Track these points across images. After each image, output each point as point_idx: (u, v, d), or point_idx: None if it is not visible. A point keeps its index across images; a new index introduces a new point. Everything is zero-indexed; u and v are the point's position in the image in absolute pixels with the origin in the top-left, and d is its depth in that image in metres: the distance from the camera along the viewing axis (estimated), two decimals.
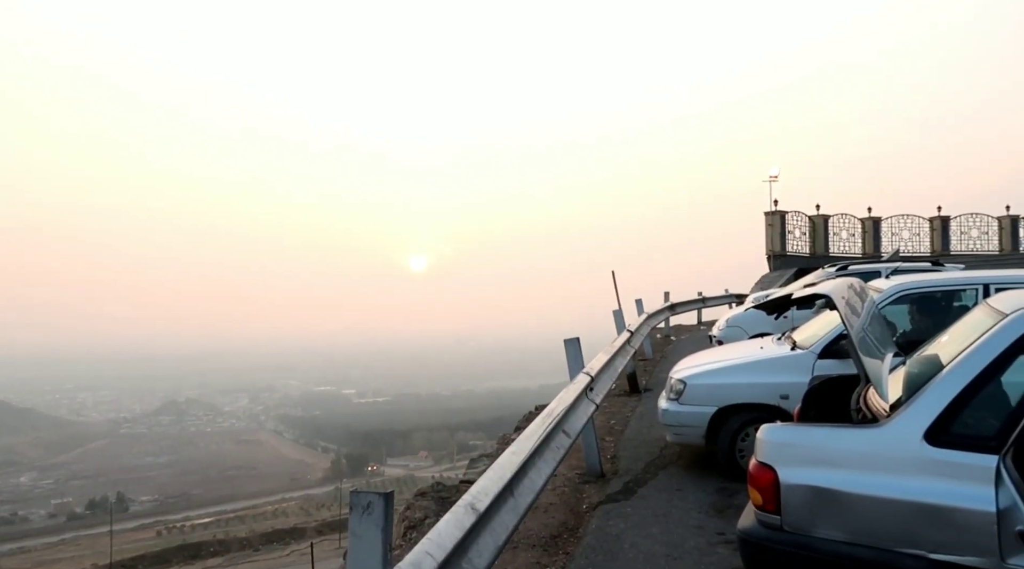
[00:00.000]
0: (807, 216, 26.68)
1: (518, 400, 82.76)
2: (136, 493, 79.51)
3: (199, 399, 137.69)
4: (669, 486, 5.87)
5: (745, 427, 5.83)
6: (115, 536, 51.69)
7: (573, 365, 6.09)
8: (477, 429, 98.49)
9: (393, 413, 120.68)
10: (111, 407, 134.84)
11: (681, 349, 14.48)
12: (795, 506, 2.83)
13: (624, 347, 8.79)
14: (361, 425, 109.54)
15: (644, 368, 12.76)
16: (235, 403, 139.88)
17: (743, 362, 6.22)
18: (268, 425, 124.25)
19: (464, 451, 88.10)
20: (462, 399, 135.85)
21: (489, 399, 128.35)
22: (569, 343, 6.21)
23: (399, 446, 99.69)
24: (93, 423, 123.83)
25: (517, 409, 23.02)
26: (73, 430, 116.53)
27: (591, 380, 5.90)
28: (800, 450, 2.90)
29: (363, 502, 2.25)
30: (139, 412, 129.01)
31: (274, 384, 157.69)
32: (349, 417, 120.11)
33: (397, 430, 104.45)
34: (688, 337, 17.96)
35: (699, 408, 6.03)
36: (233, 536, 52.20)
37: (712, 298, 21.42)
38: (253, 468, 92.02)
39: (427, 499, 6.07)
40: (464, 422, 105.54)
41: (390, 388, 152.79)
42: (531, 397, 48.88)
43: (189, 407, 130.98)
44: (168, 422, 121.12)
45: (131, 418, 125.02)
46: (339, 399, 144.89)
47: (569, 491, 5.95)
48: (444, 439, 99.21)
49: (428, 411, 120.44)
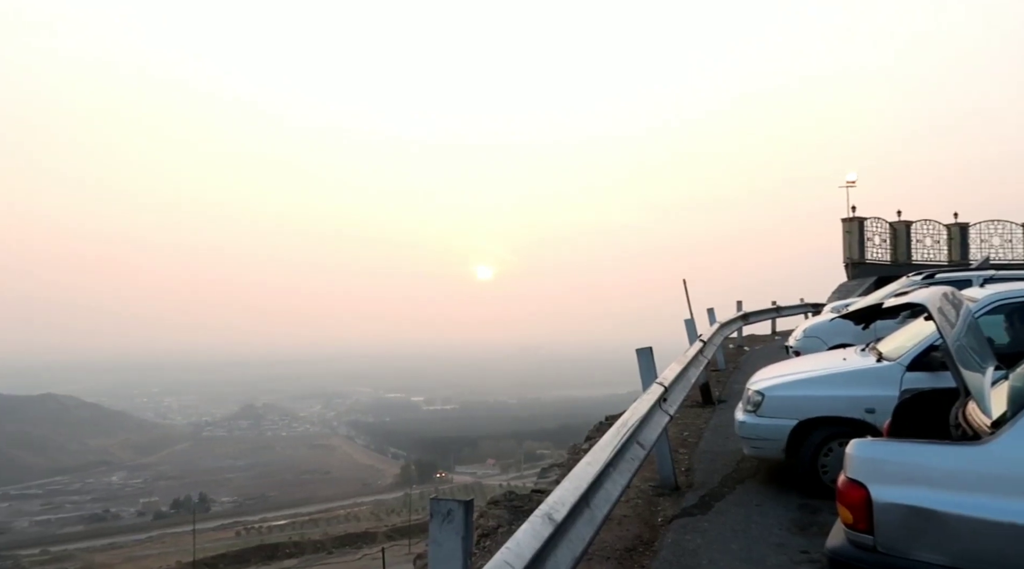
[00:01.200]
0: (887, 222, 25.58)
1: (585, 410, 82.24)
2: (217, 494, 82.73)
3: (275, 404, 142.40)
4: (748, 501, 5.69)
5: (828, 442, 5.61)
6: (197, 535, 53.87)
7: (646, 375, 5.98)
8: (544, 438, 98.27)
9: (461, 421, 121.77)
10: (194, 411, 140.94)
11: (755, 360, 14.08)
12: (890, 526, 2.69)
13: (697, 357, 8.59)
14: (429, 432, 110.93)
15: (717, 379, 12.48)
16: (309, 409, 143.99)
17: (825, 374, 5.98)
18: (340, 430, 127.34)
19: (532, 460, 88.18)
20: (529, 408, 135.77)
21: (556, 408, 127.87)
22: (642, 353, 6.09)
23: (467, 454, 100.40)
24: (177, 426, 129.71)
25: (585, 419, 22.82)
26: (159, 433, 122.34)
27: (665, 391, 5.78)
28: (895, 467, 2.76)
29: (443, 510, 2.25)
30: (219, 416, 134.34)
31: (346, 391, 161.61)
32: (418, 424, 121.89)
33: (465, 438, 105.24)
34: (762, 348, 17.45)
35: (778, 421, 5.83)
36: (308, 538, 53.57)
37: (787, 308, 20.77)
38: (326, 472, 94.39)
39: (500, 508, 6.06)
40: (531, 431, 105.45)
41: (457, 396, 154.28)
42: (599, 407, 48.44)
43: (266, 412, 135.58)
44: (246, 426, 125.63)
45: (212, 422, 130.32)
46: (408, 406, 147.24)
47: (643, 504, 5.83)
48: (511, 448, 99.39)
49: (495, 419, 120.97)
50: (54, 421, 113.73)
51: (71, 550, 58.42)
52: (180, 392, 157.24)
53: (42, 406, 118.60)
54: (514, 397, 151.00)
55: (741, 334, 18.22)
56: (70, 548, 59.20)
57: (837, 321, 10.19)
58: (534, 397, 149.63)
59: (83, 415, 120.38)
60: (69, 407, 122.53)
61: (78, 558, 54.87)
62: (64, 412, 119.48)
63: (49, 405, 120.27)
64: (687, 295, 12.14)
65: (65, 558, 54.98)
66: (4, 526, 71.14)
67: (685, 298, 12.29)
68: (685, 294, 12.25)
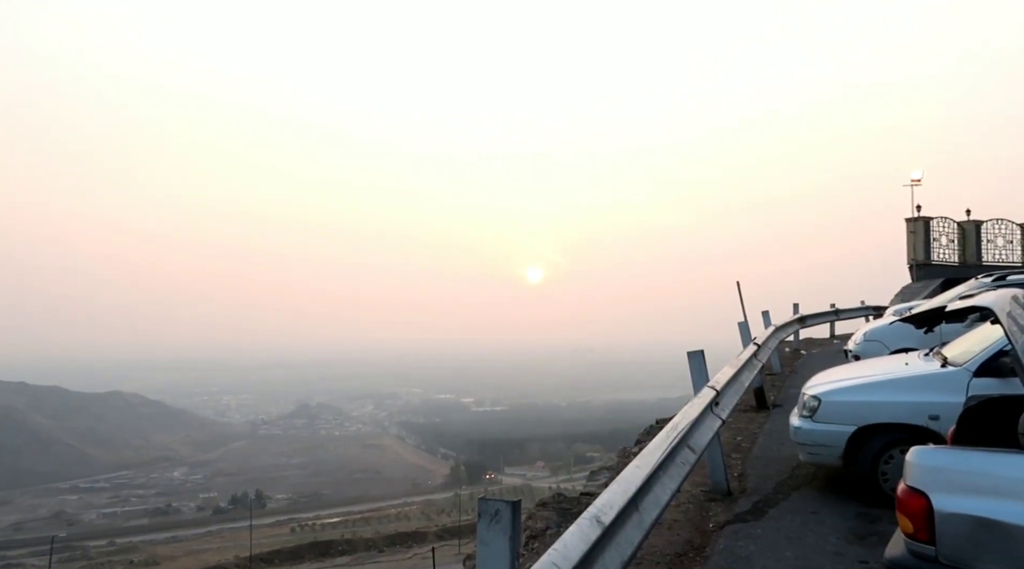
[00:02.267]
0: (955, 222, 24.62)
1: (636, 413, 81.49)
2: (272, 491, 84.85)
3: (329, 404, 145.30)
4: (803, 508, 5.57)
5: (889, 449, 5.47)
6: (254, 531, 55.21)
7: (697, 378, 5.93)
8: (594, 441, 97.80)
9: (510, 422, 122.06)
10: (251, 410, 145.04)
11: (812, 364, 13.78)
12: (953, 537, 2.60)
13: (751, 361, 8.48)
14: (479, 433, 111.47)
15: (772, 383, 12.30)
16: (361, 409, 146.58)
17: (886, 378, 5.83)
18: (391, 430, 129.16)
19: (581, 463, 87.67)
20: (578, 410, 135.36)
21: (606, 411, 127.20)
22: (693, 356, 6.04)
23: (516, 455, 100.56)
24: (235, 424, 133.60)
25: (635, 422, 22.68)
26: (218, 430, 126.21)
27: (717, 394, 5.71)
28: (959, 476, 2.67)
29: (491, 510, 2.26)
30: (275, 415, 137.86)
31: (397, 391, 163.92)
32: (467, 425, 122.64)
33: (514, 439, 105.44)
34: (820, 351, 17.08)
35: (836, 427, 5.71)
36: (359, 537, 54.30)
37: (846, 310, 20.25)
38: (378, 472, 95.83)
39: (548, 510, 6.06)
40: (581, 434, 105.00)
41: (507, 398, 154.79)
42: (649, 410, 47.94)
43: (320, 411, 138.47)
44: (301, 425, 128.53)
45: (268, 421, 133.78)
46: (458, 407, 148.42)
47: (694, 508, 5.77)
48: (561, 450, 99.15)
49: (544, 421, 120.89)
50: (120, 418, 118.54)
51: (135, 542, 60.62)
52: (238, 391, 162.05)
53: (109, 403, 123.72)
54: (564, 399, 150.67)
55: (798, 337, 17.87)
56: (135, 540, 61.43)
57: (899, 324, 9.88)
58: (584, 400, 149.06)
59: (147, 412, 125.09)
60: (134, 404, 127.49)
61: (142, 550, 56.88)
62: (129, 409, 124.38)
63: (116, 402, 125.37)
64: (741, 297, 11.92)
65: (130, 550, 57.07)
66: (74, 518, 74.51)
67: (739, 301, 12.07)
68: (739, 296, 12.03)
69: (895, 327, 10.65)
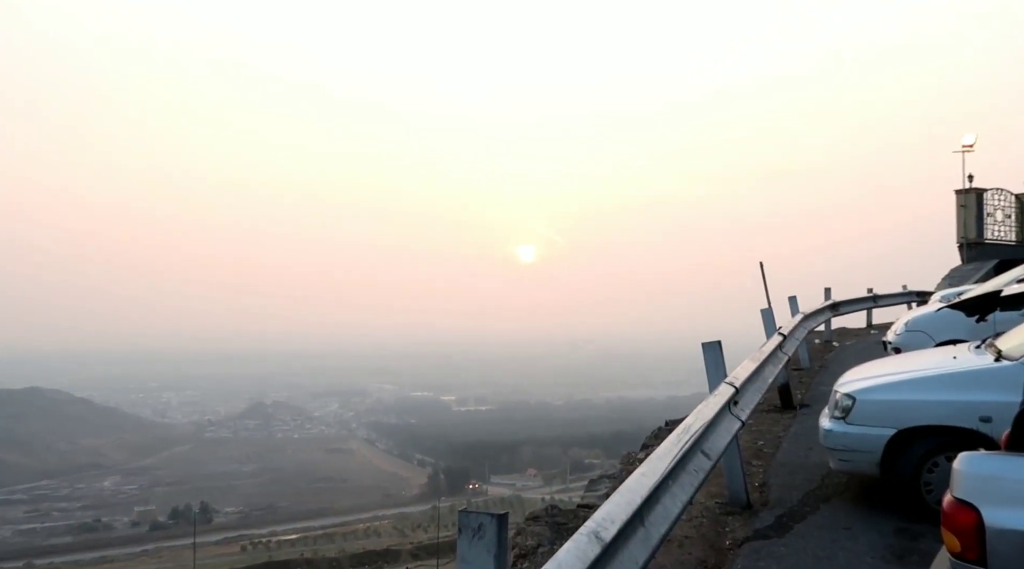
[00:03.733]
0: (1013, 194, 24.76)
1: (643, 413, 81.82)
2: (220, 503, 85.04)
3: (287, 402, 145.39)
4: (833, 523, 5.63)
5: (933, 455, 5.53)
6: (198, 549, 55.48)
7: (713, 374, 5.97)
8: (594, 445, 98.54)
9: (498, 424, 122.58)
10: (195, 409, 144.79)
11: (846, 357, 13.89)
12: (1007, 556, 2.62)
13: (775, 353, 8.55)
14: (461, 436, 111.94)
15: (800, 379, 12.45)
16: (325, 408, 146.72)
17: (931, 374, 5.88)
18: (360, 433, 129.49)
19: (579, 470, 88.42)
20: (577, 410, 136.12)
21: (608, 411, 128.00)
22: (708, 348, 6.07)
23: (504, 462, 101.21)
24: (177, 425, 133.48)
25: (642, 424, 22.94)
26: (157, 432, 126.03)
27: (735, 392, 5.74)
28: (1013, 486, 2.69)
29: (473, 524, 2.26)
30: (224, 415, 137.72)
31: (367, 388, 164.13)
32: (448, 427, 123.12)
33: (502, 443, 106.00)
34: (855, 343, 17.22)
35: (873, 429, 5.76)
36: (322, 555, 54.72)
37: (886, 296, 20.41)
38: (344, 481, 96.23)
39: (540, 524, 6.09)
40: (579, 437, 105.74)
41: (494, 396, 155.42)
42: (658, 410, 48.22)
43: (276, 411, 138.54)
44: (254, 426, 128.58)
45: (216, 421, 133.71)
46: (437, 406, 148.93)
47: (708, 523, 5.82)
48: (556, 456, 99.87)
49: (537, 423, 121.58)
50: (40, 418, 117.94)
51: (58, 564, 60.69)
52: (180, 387, 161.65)
53: (27, 401, 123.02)
54: (560, 398, 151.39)
55: (829, 327, 18.03)
56: (57, 561, 61.49)
57: (947, 312, 9.96)
58: (583, 398, 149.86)
59: (73, 412, 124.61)
60: (57, 403, 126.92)
61: None
62: (52, 408, 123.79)
63: (34, 400, 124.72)
64: (764, 281, 11.97)
65: None
66: None
67: (762, 284, 12.11)
68: (762, 279, 12.08)
69: (942, 315, 10.72)
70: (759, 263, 12.24)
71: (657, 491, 3.62)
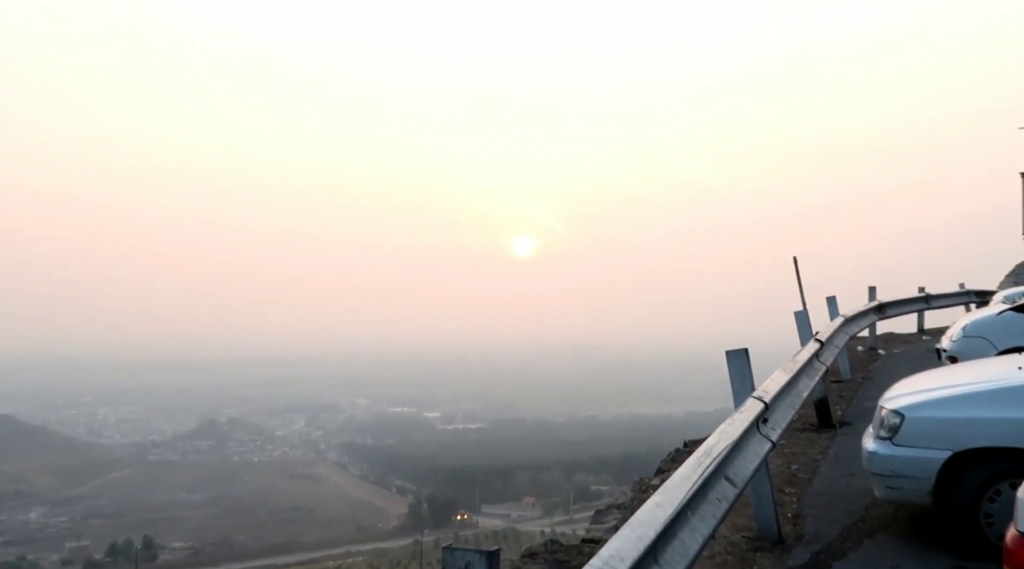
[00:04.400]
0: None
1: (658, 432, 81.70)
2: (167, 537, 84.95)
3: (244, 419, 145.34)
4: (879, 562, 5.64)
5: (995, 482, 5.54)
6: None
7: (739, 387, 5.99)
8: (601, 470, 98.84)
9: (490, 445, 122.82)
10: (137, 427, 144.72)
11: (893, 367, 13.94)
12: None
13: (811, 363, 8.58)
14: (448, 459, 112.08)
15: (840, 393, 12.51)
16: (289, 426, 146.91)
17: (991, 388, 5.90)
18: (330, 455, 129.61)
19: (584, 499, 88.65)
20: (581, 429, 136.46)
21: (618, 430, 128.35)
22: (734, 356, 6.09)
23: (497, 489, 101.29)
24: (116, 447, 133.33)
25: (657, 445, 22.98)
26: (92, 455, 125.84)
27: (765, 408, 5.74)
28: None
29: (459, 563, 2.26)
30: (171, 434, 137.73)
31: (337, 403, 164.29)
32: (432, 448, 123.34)
33: (495, 467, 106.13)
34: (903, 351, 17.33)
35: (924, 452, 5.77)
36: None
37: (940, 296, 20.44)
38: (310, 511, 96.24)
39: (538, 562, 6.10)
40: (584, 460, 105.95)
41: (486, 412, 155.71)
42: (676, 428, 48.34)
43: (232, 429, 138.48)
44: (206, 448, 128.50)
45: (161, 442, 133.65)
46: (420, 424, 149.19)
47: (734, 561, 5.82)
48: (557, 482, 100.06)
49: (536, 444, 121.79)
50: None
51: None
52: (120, 403, 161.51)
53: None
54: (562, 414, 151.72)
55: (874, 332, 18.13)
56: None
57: (1010, 315, 10.00)
58: (589, 415, 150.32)
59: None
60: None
61: None
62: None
63: None
64: (798, 278, 12.04)
65: None
66: None
67: (796, 282, 12.17)
68: (796, 277, 12.14)
69: (1005, 318, 10.75)
70: (793, 258, 12.30)
71: (674, 524, 3.60)
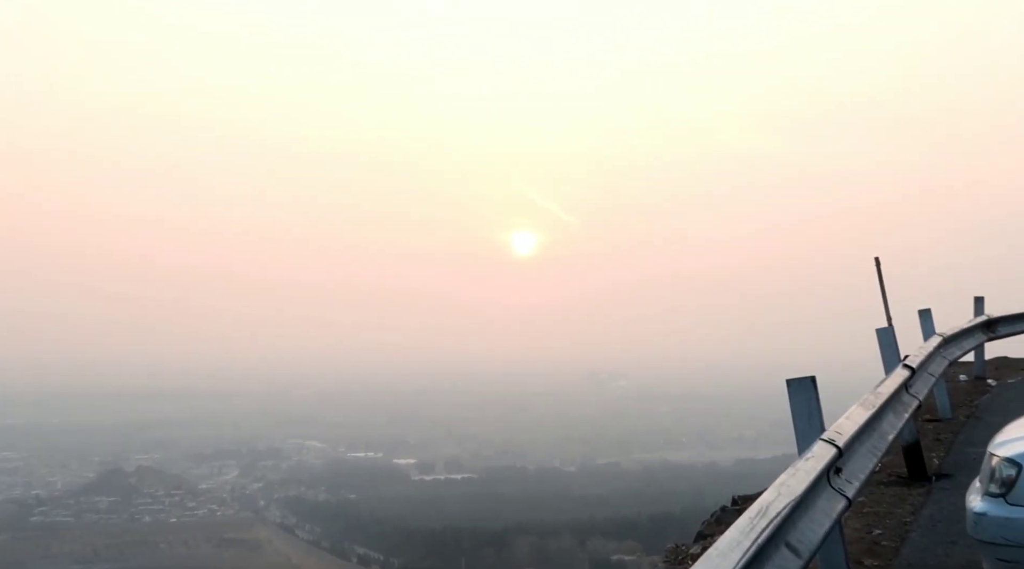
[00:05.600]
0: None
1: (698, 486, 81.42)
2: None
3: (158, 468, 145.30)
4: None
5: None
6: None
7: (804, 426, 6.02)
8: (625, 535, 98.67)
9: (480, 501, 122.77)
10: (15, 479, 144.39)
11: (1006, 402, 13.96)
12: None
13: (899, 396, 8.63)
14: (425, 520, 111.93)
15: (936, 435, 12.52)
16: (218, 476, 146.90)
17: None
18: (271, 515, 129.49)
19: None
20: (599, 481, 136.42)
21: (646, 483, 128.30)
22: (797, 387, 6.11)
23: (489, 559, 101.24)
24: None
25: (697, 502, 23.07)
26: None
27: (838, 454, 5.74)
28: None
29: None
30: (62, 488, 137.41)
31: (281, 446, 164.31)
32: (405, 505, 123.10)
33: (486, 531, 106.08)
34: (1020, 381, 17.38)
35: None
36: None
37: None
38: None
39: None
40: (602, 521, 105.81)
41: (475, 459, 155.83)
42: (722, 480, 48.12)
43: (142, 481, 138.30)
44: (108, 506, 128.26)
45: (48, 498, 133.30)
46: (389, 474, 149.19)
47: None
48: (567, 550, 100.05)
49: (539, 500, 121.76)
50: None
51: None
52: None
53: None
54: (573, 461, 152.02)
55: (982, 356, 18.15)
56: None
57: None
58: (608, 462, 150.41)
59: None
60: None
61: None
62: None
63: None
64: (882, 286, 12.04)
65: None
66: None
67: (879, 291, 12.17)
68: (879, 284, 12.14)
69: None
70: (875, 260, 12.30)
71: None
